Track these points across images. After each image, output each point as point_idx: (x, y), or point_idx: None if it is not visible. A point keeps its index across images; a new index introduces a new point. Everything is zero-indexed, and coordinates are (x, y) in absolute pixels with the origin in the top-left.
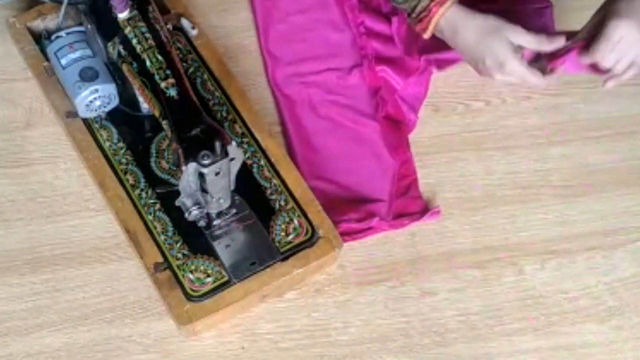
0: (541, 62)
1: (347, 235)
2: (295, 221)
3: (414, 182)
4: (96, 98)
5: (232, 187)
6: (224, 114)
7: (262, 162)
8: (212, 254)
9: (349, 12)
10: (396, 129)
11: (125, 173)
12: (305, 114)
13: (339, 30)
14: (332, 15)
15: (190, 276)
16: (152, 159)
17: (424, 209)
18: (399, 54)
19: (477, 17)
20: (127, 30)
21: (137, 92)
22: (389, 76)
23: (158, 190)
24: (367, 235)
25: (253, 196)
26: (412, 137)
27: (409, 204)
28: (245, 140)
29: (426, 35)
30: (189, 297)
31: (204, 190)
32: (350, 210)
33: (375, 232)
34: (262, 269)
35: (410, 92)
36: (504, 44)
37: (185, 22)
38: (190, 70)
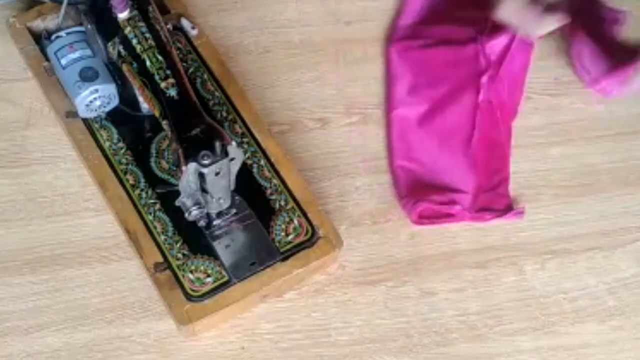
0: None
1: (425, 217)
2: (295, 221)
3: (505, 179)
4: (96, 98)
5: (232, 187)
6: (224, 114)
7: (262, 162)
8: (212, 254)
9: None
10: (495, 119)
11: (125, 173)
12: (412, 96)
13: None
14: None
15: (190, 276)
16: (152, 159)
17: (508, 207)
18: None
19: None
20: (127, 30)
21: (137, 92)
22: (495, 49)
23: (158, 190)
24: (446, 221)
25: (253, 196)
26: None
27: (495, 200)
28: (245, 140)
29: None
30: (189, 297)
31: (204, 190)
32: (434, 192)
33: (455, 220)
34: (262, 269)
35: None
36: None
37: (185, 22)
38: (190, 70)
